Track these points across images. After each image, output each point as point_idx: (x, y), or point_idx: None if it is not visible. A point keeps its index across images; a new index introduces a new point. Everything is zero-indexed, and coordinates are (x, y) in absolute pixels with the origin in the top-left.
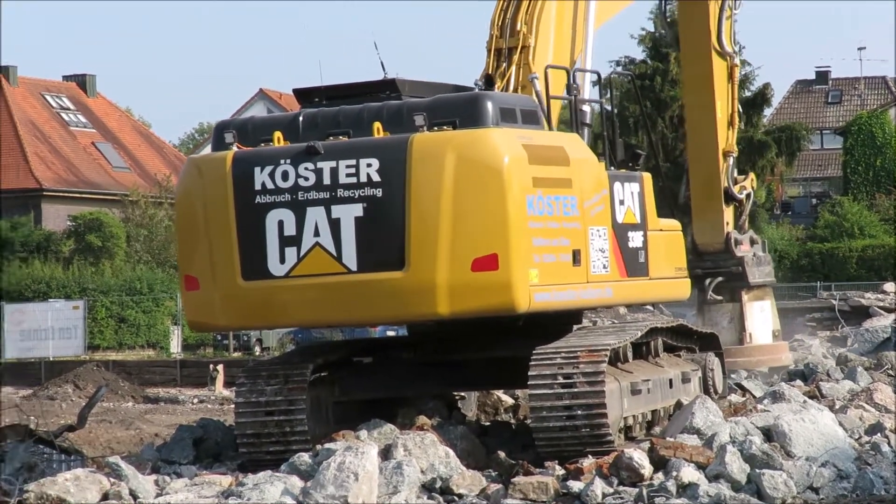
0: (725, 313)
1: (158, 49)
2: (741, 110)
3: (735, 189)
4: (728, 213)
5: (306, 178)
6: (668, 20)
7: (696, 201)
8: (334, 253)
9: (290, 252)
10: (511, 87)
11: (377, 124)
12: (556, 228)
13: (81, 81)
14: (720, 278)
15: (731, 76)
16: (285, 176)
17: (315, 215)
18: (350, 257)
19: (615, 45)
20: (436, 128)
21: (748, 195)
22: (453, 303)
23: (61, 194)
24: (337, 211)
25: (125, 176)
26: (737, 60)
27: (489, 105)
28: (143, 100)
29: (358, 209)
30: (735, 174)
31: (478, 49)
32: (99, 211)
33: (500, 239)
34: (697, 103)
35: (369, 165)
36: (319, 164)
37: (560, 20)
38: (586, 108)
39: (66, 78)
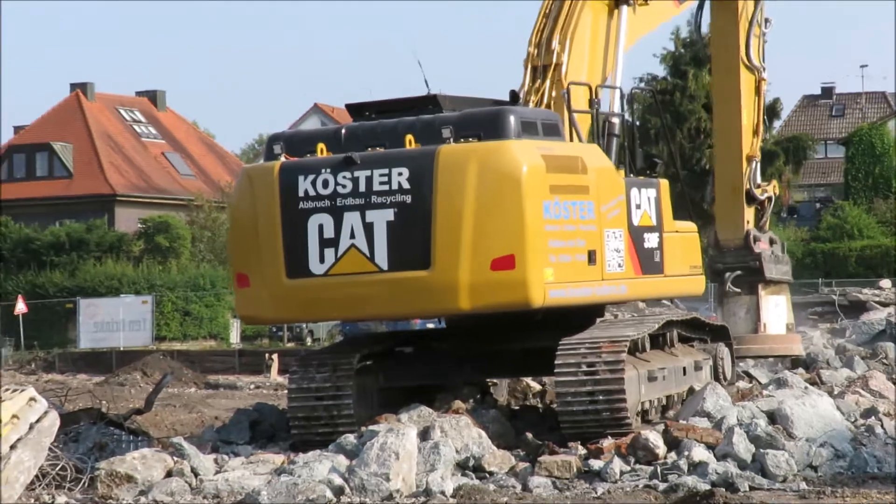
0: (743, 305)
1: (223, 66)
2: (766, 121)
3: (757, 192)
4: (749, 212)
5: (344, 186)
6: (704, 38)
7: (720, 200)
8: (368, 254)
9: (329, 253)
10: (544, 102)
11: (409, 136)
12: (572, 231)
13: (152, 97)
14: (739, 272)
15: (758, 89)
16: (325, 184)
17: (351, 219)
18: (382, 258)
19: (639, 62)
20: (462, 140)
21: (770, 198)
22: (474, 299)
23: (133, 199)
24: (371, 215)
25: (191, 183)
26: (764, 75)
27: (511, 119)
28: (208, 113)
29: (389, 214)
30: (759, 179)
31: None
32: (167, 214)
33: (516, 241)
34: (725, 111)
35: (400, 174)
36: (356, 173)
37: (593, 40)
38: (615, 120)
39: (138, 93)
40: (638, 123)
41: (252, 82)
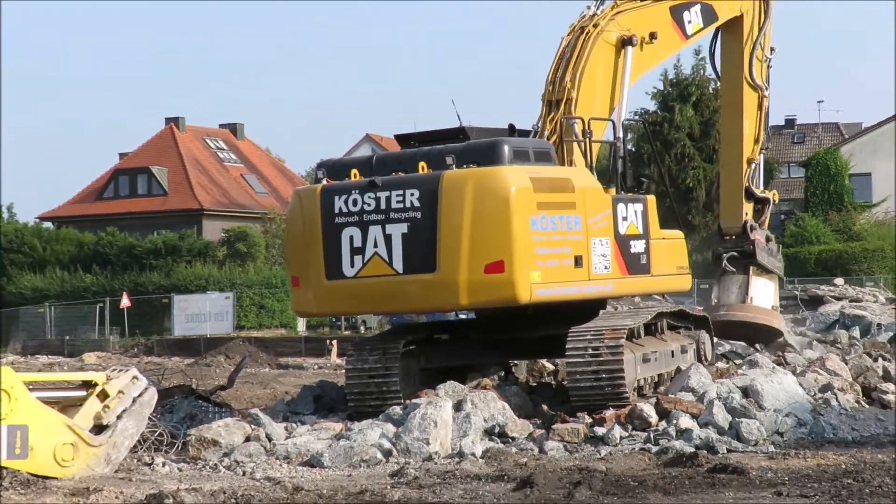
0: (735, 282)
1: (291, 103)
2: (769, 133)
3: (757, 190)
4: (748, 206)
5: (369, 205)
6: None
7: (724, 195)
8: (387, 260)
9: (357, 259)
10: (557, 131)
11: (422, 164)
12: (559, 240)
13: (233, 128)
14: (734, 253)
15: (760, 105)
16: (355, 203)
17: (374, 232)
18: (398, 263)
19: (633, 98)
20: (464, 166)
21: (768, 201)
22: (471, 297)
23: (217, 213)
24: (389, 229)
25: (265, 199)
26: (766, 93)
27: (505, 148)
28: (279, 141)
29: (404, 227)
30: (762, 186)
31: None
32: (245, 226)
33: (505, 249)
34: (730, 120)
35: (412, 195)
36: (378, 194)
37: (603, 77)
38: (619, 145)
39: (221, 126)
40: (633, 149)
41: (315, 115)
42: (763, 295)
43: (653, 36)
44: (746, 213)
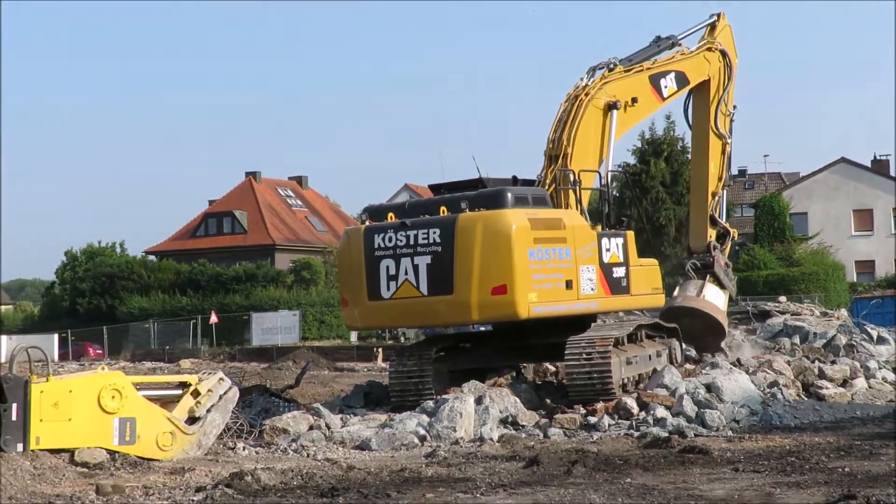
0: (693, 284)
1: (345, 158)
2: (732, 174)
3: (720, 220)
4: (712, 231)
5: (401, 241)
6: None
7: (692, 221)
8: (415, 284)
9: (392, 284)
10: (557, 180)
11: (443, 208)
12: (552, 268)
13: (299, 180)
14: (696, 262)
15: (723, 151)
16: (390, 240)
17: (405, 263)
18: (424, 287)
19: (617, 154)
20: (476, 209)
21: (728, 233)
22: (480, 313)
23: (286, 247)
24: (417, 260)
25: (325, 236)
26: (729, 140)
27: (508, 195)
28: (337, 190)
29: (428, 259)
30: (724, 217)
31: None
32: (309, 257)
33: (508, 275)
34: (698, 162)
35: (434, 233)
36: (408, 233)
37: (594, 136)
38: (604, 190)
39: (290, 178)
40: (617, 195)
41: (364, 169)
42: (715, 298)
43: (634, 100)
44: (710, 237)
